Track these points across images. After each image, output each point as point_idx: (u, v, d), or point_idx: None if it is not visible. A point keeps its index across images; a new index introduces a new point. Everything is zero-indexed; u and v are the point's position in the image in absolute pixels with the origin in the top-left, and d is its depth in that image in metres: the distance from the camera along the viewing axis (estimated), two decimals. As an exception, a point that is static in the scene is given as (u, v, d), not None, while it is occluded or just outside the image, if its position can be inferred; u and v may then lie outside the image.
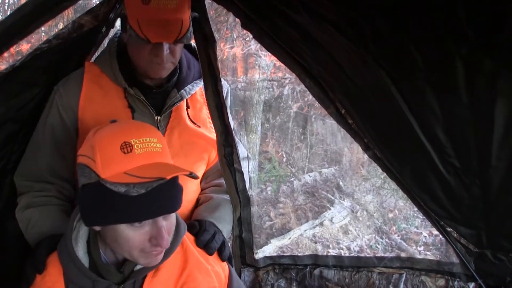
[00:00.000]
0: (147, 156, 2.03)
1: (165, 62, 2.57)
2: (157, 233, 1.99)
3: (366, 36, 2.14)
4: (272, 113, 11.68)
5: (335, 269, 3.31)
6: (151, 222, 2.00)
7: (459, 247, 2.94)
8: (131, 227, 1.98)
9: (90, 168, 2.00)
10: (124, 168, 1.97)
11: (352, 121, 2.74)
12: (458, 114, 2.19)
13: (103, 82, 2.71)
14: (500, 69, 1.93)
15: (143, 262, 2.07)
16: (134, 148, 2.01)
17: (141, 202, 1.93)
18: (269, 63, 9.80)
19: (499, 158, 2.27)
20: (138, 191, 1.90)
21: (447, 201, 2.68)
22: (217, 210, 2.91)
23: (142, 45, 2.51)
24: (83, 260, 2.11)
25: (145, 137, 2.07)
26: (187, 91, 2.81)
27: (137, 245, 2.00)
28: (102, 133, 2.10)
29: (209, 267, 2.33)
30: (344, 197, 10.14)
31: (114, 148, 2.00)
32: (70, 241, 2.12)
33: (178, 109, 2.83)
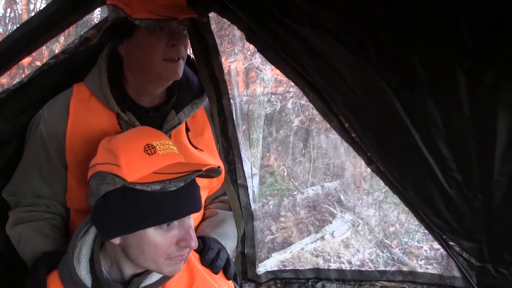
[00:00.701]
0: (170, 156, 2.05)
1: (180, 56, 2.43)
2: (185, 234, 1.98)
3: (368, 47, 2.15)
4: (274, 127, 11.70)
5: (337, 282, 3.30)
6: (178, 224, 1.98)
7: (461, 261, 2.93)
8: (159, 231, 1.95)
9: (113, 174, 1.97)
10: (151, 169, 1.97)
11: (356, 135, 2.74)
12: (460, 127, 2.19)
13: (93, 106, 2.54)
14: (502, 82, 1.93)
15: (167, 270, 2.04)
16: (157, 149, 2.02)
17: (174, 199, 1.93)
18: (270, 77, 9.82)
19: (501, 173, 2.27)
20: (176, 185, 1.90)
21: (449, 214, 2.68)
22: (221, 225, 2.82)
23: (156, 38, 2.35)
24: (86, 280, 2.08)
25: (163, 140, 2.10)
26: (186, 113, 2.64)
27: (165, 250, 1.97)
28: (121, 139, 2.10)
29: (216, 285, 2.30)
30: (345, 211, 10.14)
31: (138, 150, 2.01)
32: (72, 262, 2.09)
33: (177, 134, 2.65)
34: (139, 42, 2.39)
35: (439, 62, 2.03)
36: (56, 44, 9.23)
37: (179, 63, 2.44)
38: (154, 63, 2.40)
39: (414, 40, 2.02)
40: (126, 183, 1.93)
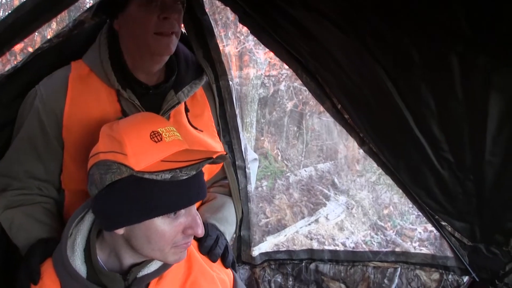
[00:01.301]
0: (177, 143, 2.01)
1: (173, 31, 2.36)
2: (192, 222, 1.96)
3: (363, 31, 2.17)
4: (267, 109, 11.69)
5: (331, 263, 3.32)
6: (185, 212, 1.96)
7: (453, 241, 2.96)
8: (166, 220, 1.91)
9: (119, 163, 1.90)
10: (159, 157, 1.92)
11: (348, 116, 2.76)
12: (453, 110, 2.22)
13: (92, 83, 2.48)
14: (495, 65, 1.96)
15: (172, 259, 2.00)
16: (163, 136, 1.98)
17: (183, 187, 1.90)
18: (263, 61, 9.81)
19: (493, 153, 2.30)
20: (188, 174, 1.88)
21: (442, 195, 2.70)
22: (220, 210, 2.77)
23: (148, 12, 2.29)
24: (81, 270, 2.02)
25: (169, 126, 2.06)
26: (185, 93, 2.57)
27: (172, 238, 1.94)
28: (124, 126, 2.03)
29: (214, 274, 2.27)
30: (339, 194, 10.14)
31: (144, 138, 1.95)
32: (66, 252, 2.04)
33: (176, 114, 2.59)
34: (132, 15, 2.35)
35: (432, 45, 2.05)
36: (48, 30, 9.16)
37: (172, 38, 2.39)
38: (146, 36, 2.36)
39: (408, 24, 2.04)
40: (134, 172, 1.87)
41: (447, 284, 3.10)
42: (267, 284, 3.42)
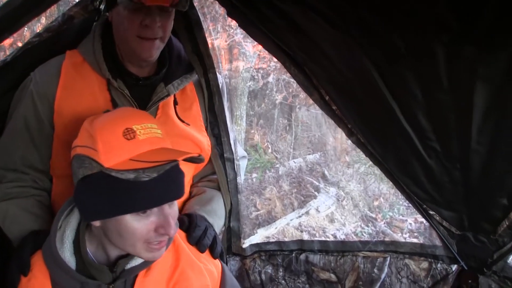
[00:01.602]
0: (151, 141, 1.98)
1: (156, 37, 2.39)
2: (164, 222, 1.93)
3: (350, 23, 2.18)
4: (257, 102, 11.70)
5: (321, 254, 3.34)
6: (157, 211, 1.94)
7: (441, 230, 2.98)
8: (136, 217, 1.90)
9: (91, 158, 1.91)
10: (129, 155, 1.90)
11: (336, 107, 2.77)
12: (439, 100, 2.24)
13: (84, 71, 2.50)
14: (480, 55, 1.98)
15: (146, 256, 2.01)
16: (137, 134, 1.95)
17: (148, 188, 1.87)
18: (252, 54, 9.81)
19: (479, 142, 2.32)
20: (149, 176, 1.83)
21: (429, 184, 2.73)
22: (209, 203, 2.78)
23: (132, 16, 2.32)
24: (70, 262, 2.04)
25: (146, 123, 2.02)
26: (175, 86, 2.60)
27: (142, 236, 1.93)
28: (101, 121, 2.03)
29: (202, 265, 2.27)
30: (329, 186, 10.16)
31: (116, 135, 1.93)
32: (55, 244, 2.04)
33: (165, 106, 2.61)
34: (119, 14, 2.37)
35: (418, 36, 2.06)
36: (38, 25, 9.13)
37: (154, 43, 2.42)
38: (129, 38, 2.40)
39: (394, 16, 2.05)
40: (103, 168, 1.88)
41: (436, 273, 3.13)
42: (257, 275, 3.44)
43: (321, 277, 3.35)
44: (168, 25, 2.43)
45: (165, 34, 2.45)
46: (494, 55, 1.96)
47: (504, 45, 1.91)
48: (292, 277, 3.40)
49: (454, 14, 1.88)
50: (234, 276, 3.31)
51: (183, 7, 2.37)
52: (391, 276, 3.21)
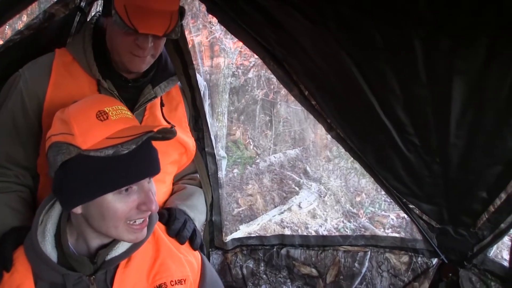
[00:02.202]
0: (123, 121, 2.03)
1: (147, 55, 2.43)
2: (145, 198, 1.98)
3: (328, 18, 2.19)
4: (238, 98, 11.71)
5: (302, 248, 3.35)
6: (137, 189, 1.99)
7: (421, 223, 2.99)
8: (118, 197, 1.95)
9: (68, 143, 1.95)
10: (105, 134, 1.95)
11: (315, 102, 2.78)
12: (417, 93, 2.26)
13: (75, 71, 2.52)
14: (457, 49, 1.99)
15: (129, 237, 2.05)
16: (109, 115, 2.01)
17: (127, 163, 1.93)
18: (234, 50, 9.81)
19: (457, 136, 2.34)
20: (128, 148, 1.90)
21: (408, 178, 2.74)
22: (189, 199, 2.80)
23: (126, 34, 2.35)
24: (51, 255, 2.06)
25: (117, 105, 2.08)
26: (162, 88, 2.66)
27: (124, 215, 1.97)
28: (73, 108, 2.07)
29: (182, 256, 2.30)
30: (311, 182, 10.17)
31: (90, 118, 1.99)
32: (36, 237, 2.07)
33: (152, 107, 2.66)
34: (115, 28, 2.38)
35: (396, 31, 2.08)
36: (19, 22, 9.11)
37: (145, 59, 2.45)
38: (121, 52, 2.43)
39: (372, 10, 2.06)
40: (81, 151, 1.92)
41: (416, 267, 3.14)
42: (239, 269, 3.45)
43: (302, 271, 3.36)
44: (161, 44, 2.46)
45: (157, 52, 2.48)
46: (471, 49, 1.97)
47: (481, 39, 1.92)
48: (273, 272, 3.41)
49: (431, 8, 1.89)
50: (216, 270, 3.34)
51: (176, 35, 2.38)
52: (371, 270, 3.22)
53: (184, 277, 2.23)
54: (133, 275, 2.14)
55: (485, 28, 1.88)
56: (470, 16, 1.87)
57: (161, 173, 2.15)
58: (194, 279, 2.32)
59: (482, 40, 1.92)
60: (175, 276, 2.20)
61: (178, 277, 2.21)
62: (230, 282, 3.48)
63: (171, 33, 2.33)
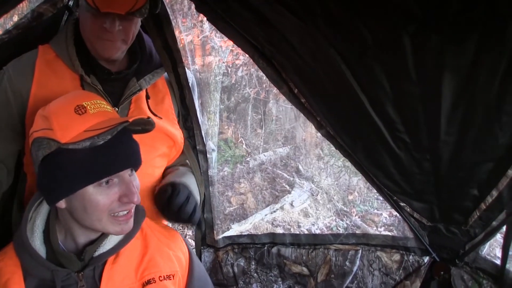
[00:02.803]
0: (101, 114, 2.06)
1: (116, 40, 2.44)
2: (126, 190, 2.01)
3: (316, 15, 2.18)
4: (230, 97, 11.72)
5: (293, 247, 3.35)
6: (118, 181, 2.02)
7: (412, 221, 2.99)
8: (99, 189, 1.98)
9: (48, 138, 2.00)
10: (83, 128, 1.98)
11: (305, 100, 2.77)
12: (407, 90, 2.24)
13: (58, 67, 2.53)
14: (446, 45, 1.98)
15: (114, 229, 2.07)
16: (87, 109, 2.04)
17: (105, 155, 1.97)
18: (225, 49, 9.81)
19: (448, 133, 2.33)
20: (104, 138, 1.93)
21: (399, 176, 2.73)
22: (184, 177, 2.80)
23: (93, 18, 2.37)
24: (40, 251, 2.09)
25: (95, 100, 2.12)
26: (146, 81, 2.66)
27: (106, 207, 2.00)
28: (53, 104, 2.12)
29: (170, 252, 2.33)
30: (304, 181, 10.17)
31: (68, 112, 2.02)
32: (25, 233, 2.10)
33: (137, 100, 2.66)
34: (84, 13, 2.41)
35: (385, 28, 2.06)
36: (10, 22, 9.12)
37: (115, 44, 2.45)
38: (91, 37, 2.44)
39: (361, 7, 2.05)
40: (60, 144, 1.96)
41: (408, 265, 3.13)
42: (230, 267, 3.46)
43: (293, 270, 3.36)
44: (130, 29, 2.46)
45: (128, 37, 2.48)
46: (461, 46, 1.96)
47: (471, 35, 1.91)
48: (264, 270, 3.41)
49: (420, 4, 1.88)
50: (208, 268, 3.35)
51: (141, 15, 2.37)
52: (363, 269, 3.22)
53: (172, 272, 2.26)
54: (121, 271, 2.16)
55: (475, 24, 1.87)
56: (460, 13, 1.85)
57: (149, 166, 2.17)
58: (183, 274, 2.34)
59: (471, 36, 1.91)
60: (163, 271, 2.23)
61: (167, 272, 2.24)
62: (221, 280, 3.49)
63: (135, 13, 2.31)
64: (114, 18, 2.35)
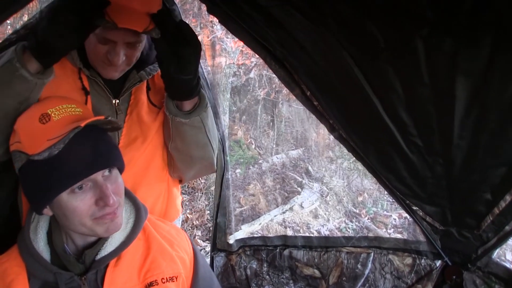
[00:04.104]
0: (65, 119, 2.06)
1: (119, 65, 2.40)
2: (100, 193, 1.98)
3: (328, 18, 2.17)
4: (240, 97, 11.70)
5: (304, 249, 3.35)
6: (92, 185, 1.99)
7: (425, 225, 2.98)
8: (73, 195, 1.95)
9: (19, 151, 2.03)
10: (46, 137, 1.97)
11: (317, 102, 2.77)
12: (420, 94, 2.23)
13: (61, 61, 2.40)
14: (459, 48, 1.96)
15: (101, 231, 2.04)
16: (51, 116, 2.04)
17: (65, 162, 1.94)
18: (235, 50, 9.80)
19: (461, 137, 2.31)
20: (58, 148, 1.90)
21: (412, 180, 2.72)
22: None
23: (98, 44, 2.32)
24: (44, 252, 2.09)
25: (62, 105, 2.10)
26: (147, 72, 2.62)
27: (85, 213, 1.97)
28: (23, 115, 2.14)
29: (174, 252, 2.29)
30: (313, 182, 10.15)
31: (33, 122, 2.04)
32: (28, 235, 2.10)
33: (138, 91, 2.65)
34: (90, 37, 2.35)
35: (398, 30, 2.05)
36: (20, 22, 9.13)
37: (117, 68, 2.44)
38: (94, 59, 2.42)
39: (373, 10, 2.04)
40: (28, 156, 1.98)
41: (420, 269, 3.12)
42: (243, 270, 3.45)
43: (304, 272, 3.35)
44: (134, 54, 2.44)
45: (131, 61, 2.46)
46: (474, 49, 1.95)
47: (484, 38, 1.90)
48: (276, 273, 3.41)
49: (432, 6, 1.87)
50: (220, 272, 3.33)
51: (156, 34, 2.31)
52: (374, 272, 3.21)
53: (175, 274, 2.23)
54: (123, 274, 2.14)
55: (488, 27, 1.86)
56: (473, 15, 1.84)
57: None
58: (187, 275, 2.31)
59: (485, 39, 1.89)
60: (166, 273, 2.20)
61: (169, 274, 2.21)
62: (234, 284, 3.49)
63: (151, 31, 2.28)
64: (119, 49, 2.33)
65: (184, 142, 2.60)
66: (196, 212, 8.69)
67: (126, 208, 2.26)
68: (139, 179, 2.63)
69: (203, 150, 2.66)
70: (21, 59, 2.15)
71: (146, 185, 2.60)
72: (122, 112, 2.59)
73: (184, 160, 2.69)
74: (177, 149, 2.64)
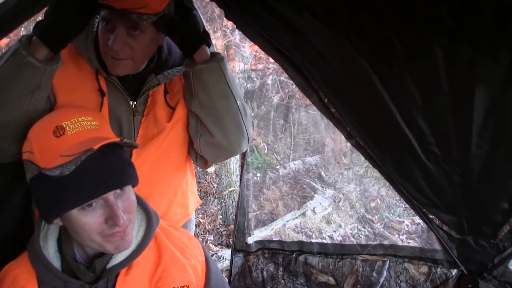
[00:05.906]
0: (80, 134, 2.02)
1: (121, 58, 2.39)
2: (110, 213, 1.94)
3: (346, 25, 2.17)
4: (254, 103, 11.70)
5: (320, 256, 3.35)
6: (103, 203, 1.95)
7: (441, 234, 2.97)
8: (83, 212, 1.92)
9: (31, 162, 2.01)
10: (59, 152, 1.94)
11: (335, 110, 2.76)
12: (438, 102, 2.22)
13: (77, 60, 2.52)
14: (479, 57, 1.96)
15: (110, 248, 2.00)
16: (66, 130, 2.00)
17: (76, 182, 1.90)
18: (249, 54, 9.81)
19: (479, 146, 2.30)
20: (70, 169, 1.86)
21: (429, 188, 2.71)
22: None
23: (104, 32, 2.35)
24: (54, 259, 2.08)
25: (77, 117, 2.07)
26: (165, 76, 2.61)
27: (94, 230, 1.94)
28: (36, 124, 2.12)
29: (185, 261, 2.26)
30: (326, 187, 10.14)
31: (47, 135, 2.01)
32: (38, 242, 2.09)
33: (155, 93, 2.65)
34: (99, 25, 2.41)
35: (416, 38, 2.05)
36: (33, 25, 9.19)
37: (121, 62, 2.42)
38: (103, 51, 2.43)
39: (391, 17, 2.03)
40: (40, 169, 1.95)
41: (435, 277, 3.12)
42: (259, 272, 3.46)
43: (319, 279, 3.35)
44: (138, 46, 2.41)
45: (136, 55, 2.43)
46: (494, 58, 1.94)
47: (504, 47, 1.89)
48: (291, 278, 3.41)
49: (451, 15, 1.87)
50: (237, 272, 3.32)
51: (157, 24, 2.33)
52: (390, 280, 3.20)
53: (187, 283, 2.21)
54: (134, 283, 2.13)
55: (508, 36, 1.85)
56: (493, 25, 1.83)
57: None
58: (198, 284, 2.30)
59: (505, 49, 1.89)
60: (177, 282, 2.18)
61: (181, 283, 2.19)
62: (250, 285, 3.49)
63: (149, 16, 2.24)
64: (119, 35, 2.32)
65: (207, 92, 2.55)
66: (209, 217, 8.69)
67: (137, 216, 2.23)
68: (152, 178, 2.64)
69: (227, 102, 2.61)
70: (27, 47, 2.16)
71: (158, 184, 2.62)
72: (139, 113, 2.59)
73: (210, 115, 2.62)
74: (200, 104, 2.59)
